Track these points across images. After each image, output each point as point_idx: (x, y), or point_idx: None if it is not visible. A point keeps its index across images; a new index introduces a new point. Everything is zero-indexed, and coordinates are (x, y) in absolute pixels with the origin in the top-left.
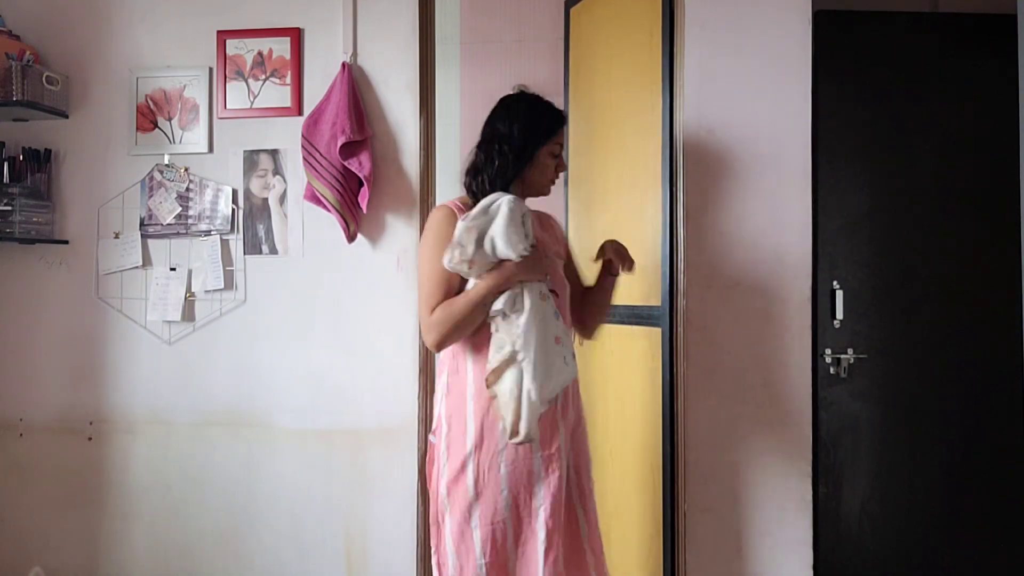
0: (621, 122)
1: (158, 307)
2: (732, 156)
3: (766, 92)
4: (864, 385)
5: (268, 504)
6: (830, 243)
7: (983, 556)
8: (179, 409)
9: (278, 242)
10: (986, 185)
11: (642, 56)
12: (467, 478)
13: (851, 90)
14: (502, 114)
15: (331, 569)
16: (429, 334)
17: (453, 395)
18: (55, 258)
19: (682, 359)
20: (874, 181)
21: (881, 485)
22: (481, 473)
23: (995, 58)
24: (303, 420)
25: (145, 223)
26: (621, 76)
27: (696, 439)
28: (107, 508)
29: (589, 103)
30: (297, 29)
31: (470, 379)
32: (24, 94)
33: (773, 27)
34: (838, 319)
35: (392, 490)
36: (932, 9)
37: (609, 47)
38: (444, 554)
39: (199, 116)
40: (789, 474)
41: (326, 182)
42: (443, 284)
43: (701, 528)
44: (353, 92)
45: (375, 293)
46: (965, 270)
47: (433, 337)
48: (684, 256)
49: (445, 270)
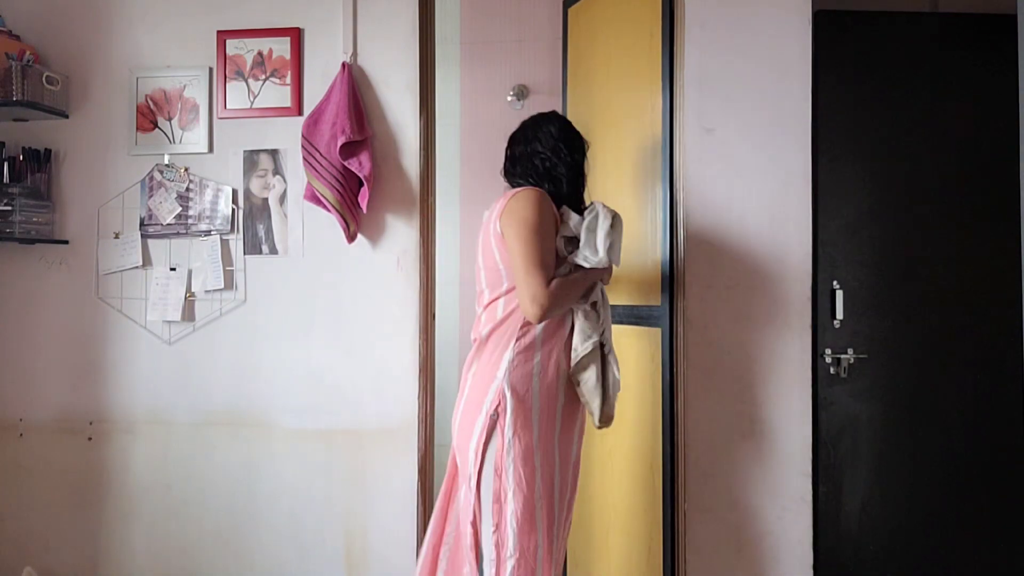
0: (620, 122)
1: (158, 307)
2: (732, 156)
3: (766, 92)
4: (864, 385)
5: (268, 504)
6: (830, 243)
7: (983, 556)
8: (179, 409)
9: (278, 242)
10: (986, 185)
11: (642, 56)
12: (535, 454)
13: (851, 90)
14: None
15: (331, 569)
16: (542, 303)
17: (520, 371)
18: (55, 258)
19: (682, 359)
20: (874, 181)
21: (881, 485)
22: (546, 449)
23: (995, 58)
24: (303, 420)
25: (145, 223)
26: (620, 75)
27: (696, 439)
28: (107, 508)
29: (588, 103)
30: (297, 29)
31: (537, 359)
32: (24, 94)
33: (773, 27)
34: (838, 319)
35: (392, 490)
36: (932, 9)
37: (608, 47)
38: (505, 533)
39: (199, 116)
40: (789, 474)
41: (326, 182)
42: (553, 261)
43: (701, 528)
44: (353, 92)
45: (375, 293)
46: (965, 270)
47: (546, 307)
48: (684, 256)
49: (555, 248)
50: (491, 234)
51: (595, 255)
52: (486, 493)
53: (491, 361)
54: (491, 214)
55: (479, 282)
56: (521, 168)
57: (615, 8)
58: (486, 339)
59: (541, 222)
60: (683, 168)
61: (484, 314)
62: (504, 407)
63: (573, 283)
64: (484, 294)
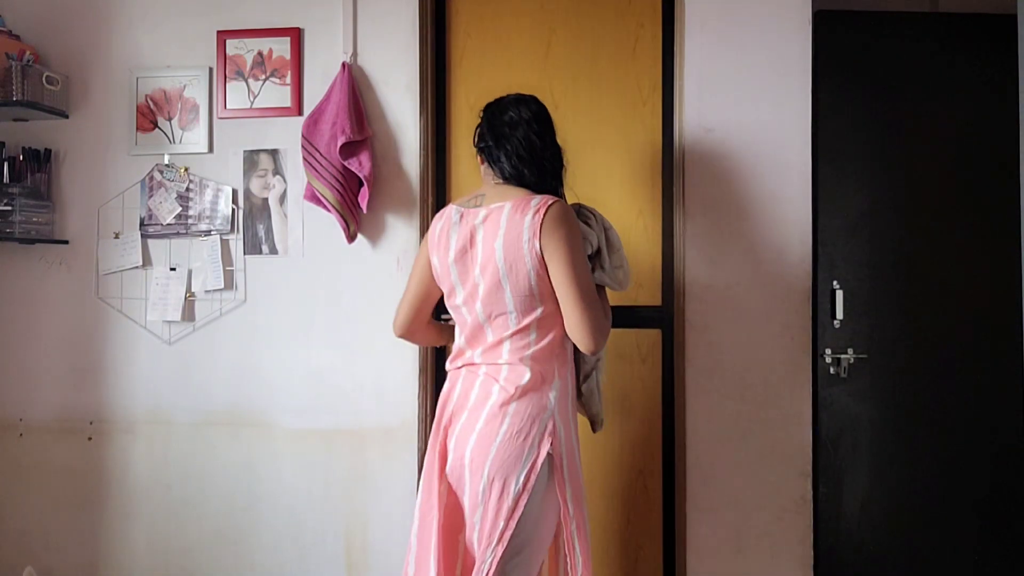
0: (620, 121)
1: (158, 307)
2: (732, 156)
3: (766, 92)
4: (864, 385)
5: (268, 504)
6: (830, 243)
7: (983, 556)
8: (179, 409)
9: (278, 242)
10: (986, 185)
11: (642, 55)
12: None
13: (851, 90)
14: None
15: (331, 569)
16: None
17: (564, 402)
18: (55, 258)
19: (682, 359)
20: (874, 181)
21: (881, 485)
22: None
23: (995, 58)
24: (303, 420)
25: (145, 223)
26: (620, 74)
27: (696, 439)
28: (107, 508)
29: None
30: (297, 29)
31: (570, 382)
32: (24, 94)
33: (773, 27)
34: (838, 319)
35: (392, 490)
36: (932, 9)
37: (607, 46)
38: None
39: (199, 116)
40: (789, 474)
41: (326, 182)
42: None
43: (701, 528)
44: (353, 92)
45: (375, 293)
46: (965, 270)
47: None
48: (684, 256)
49: None
50: (526, 254)
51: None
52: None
53: (539, 393)
54: (511, 226)
55: (501, 303)
56: (530, 168)
57: (615, 8)
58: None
59: (580, 242)
60: (683, 168)
61: (510, 341)
62: (558, 443)
63: (606, 305)
64: (508, 317)
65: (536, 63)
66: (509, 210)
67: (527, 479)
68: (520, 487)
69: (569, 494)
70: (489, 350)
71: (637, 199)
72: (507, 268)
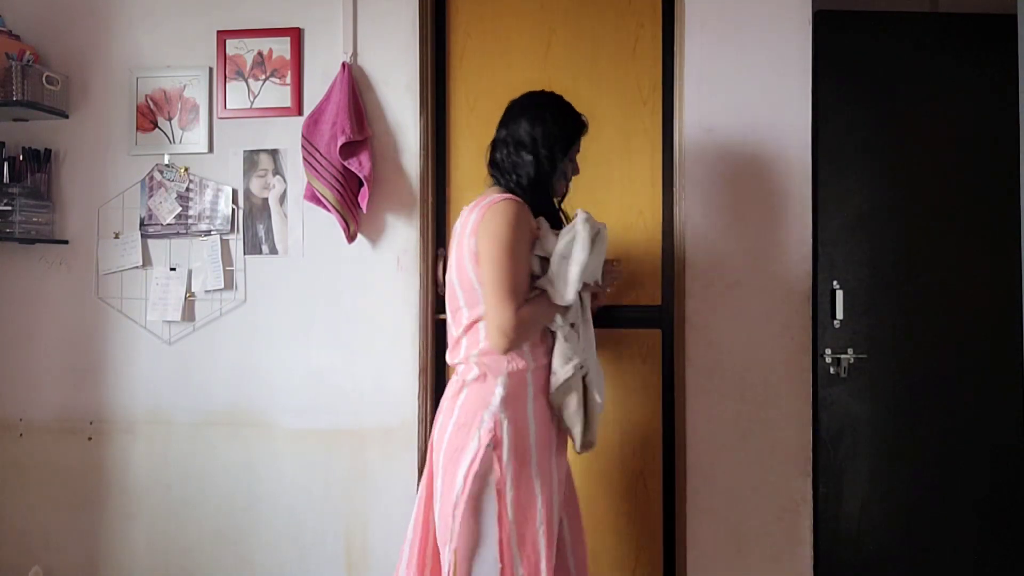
0: (620, 121)
1: (158, 307)
2: (732, 156)
3: (766, 92)
4: (864, 385)
5: (268, 504)
6: (830, 243)
7: (983, 556)
8: (179, 409)
9: (278, 242)
10: (986, 185)
11: (642, 55)
12: (535, 482)
13: (851, 90)
14: (533, 115)
15: (331, 569)
16: (511, 333)
17: (515, 397)
18: (55, 258)
19: (682, 359)
20: (874, 181)
21: (881, 485)
22: (544, 474)
23: (995, 58)
24: (303, 420)
25: (145, 223)
26: (620, 74)
27: (696, 439)
28: (107, 508)
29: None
30: (297, 29)
31: (531, 384)
32: (24, 94)
33: (773, 27)
34: (838, 319)
35: (392, 490)
36: (932, 9)
37: (607, 46)
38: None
39: (199, 116)
40: (789, 474)
41: (326, 182)
42: (527, 283)
43: (701, 528)
44: (353, 92)
45: (375, 293)
46: (965, 270)
47: (516, 337)
48: (684, 256)
49: (529, 268)
50: (465, 250)
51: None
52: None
53: (483, 387)
54: (463, 227)
55: (454, 299)
56: (498, 167)
57: (615, 8)
58: (473, 365)
59: (516, 241)
60: (683, 168)
61: (466, 338)
62: (500, 436)
63: (545, 309)
64: (462, 313)
65: (536, 63)
66: (467, 209)
67: (467, 474)
68: (461, 483)
69: (510, 497)
70: (454, 347)
71: (637, 199)
72: (457, 265)
